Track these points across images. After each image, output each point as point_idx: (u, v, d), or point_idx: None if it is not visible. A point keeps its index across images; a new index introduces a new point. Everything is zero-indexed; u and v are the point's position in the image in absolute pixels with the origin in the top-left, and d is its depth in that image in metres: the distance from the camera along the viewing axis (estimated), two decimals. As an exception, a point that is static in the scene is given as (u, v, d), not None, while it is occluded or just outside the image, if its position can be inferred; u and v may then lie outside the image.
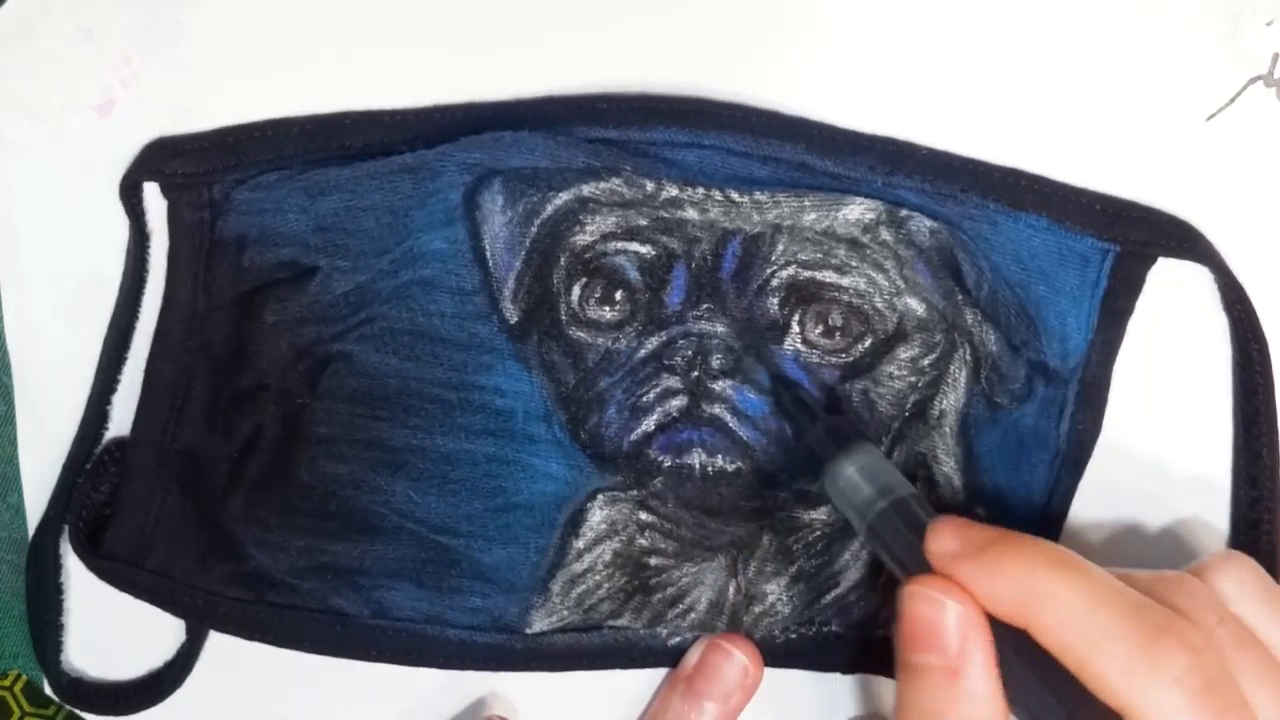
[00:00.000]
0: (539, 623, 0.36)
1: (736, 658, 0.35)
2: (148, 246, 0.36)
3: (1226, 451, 0.36)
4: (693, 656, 0.36)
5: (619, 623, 0.36)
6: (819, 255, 0.34)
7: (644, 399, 0.34)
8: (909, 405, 0.35)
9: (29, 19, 0.35)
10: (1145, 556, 0.36)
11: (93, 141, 0.36)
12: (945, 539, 0.29)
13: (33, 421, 0.37)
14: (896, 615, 0.29)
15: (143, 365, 0.36)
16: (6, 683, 0.38)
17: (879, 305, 0.34)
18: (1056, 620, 0.27)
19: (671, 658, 0.36)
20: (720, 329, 0.34)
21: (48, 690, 0.37)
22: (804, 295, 0.34)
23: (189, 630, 0.37)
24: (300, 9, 0.35)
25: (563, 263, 0.34)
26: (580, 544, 0.35)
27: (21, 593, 0.37)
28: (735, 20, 0.35)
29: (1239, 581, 0.30)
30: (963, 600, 0.28)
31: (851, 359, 0.34)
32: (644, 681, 0.37)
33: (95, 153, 0.36)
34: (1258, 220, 0.36)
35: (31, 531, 0.37)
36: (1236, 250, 0.35)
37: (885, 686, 0.37)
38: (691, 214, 0.34)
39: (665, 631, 0.36)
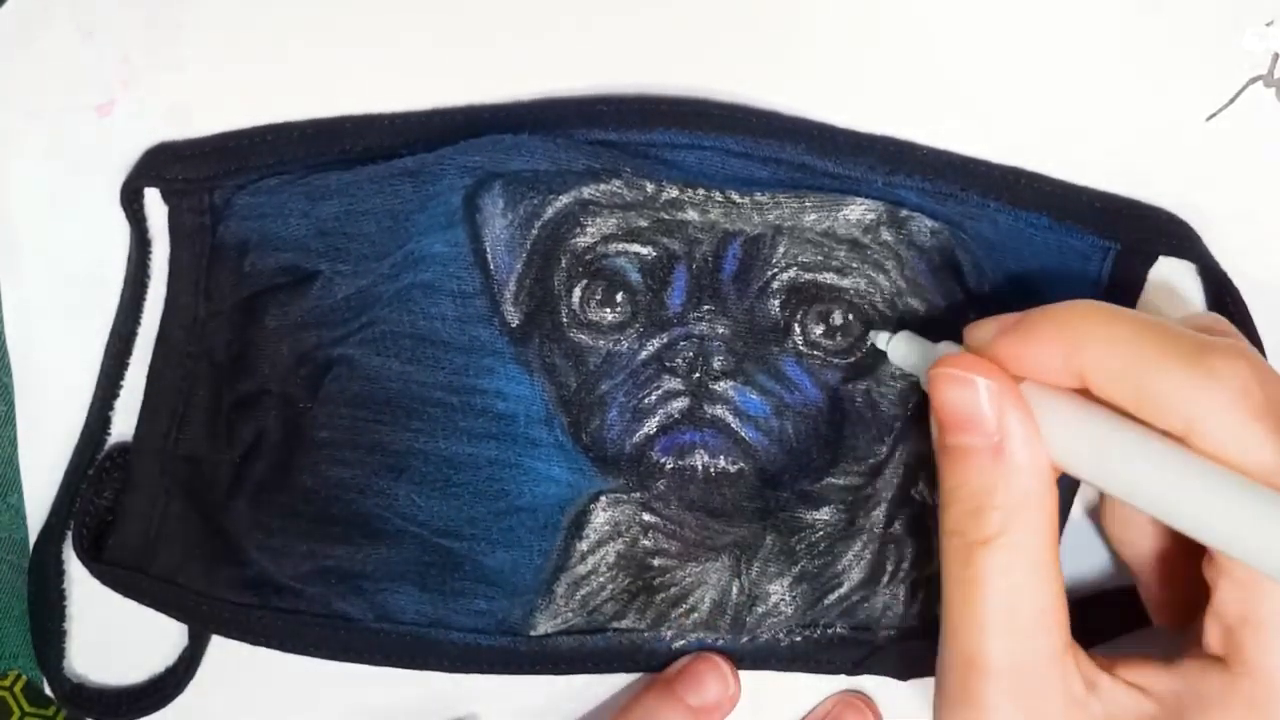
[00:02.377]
0: (543, 625, 0.36)
1: (722, 668, 0.35)
2: (149, 252, 0.36)
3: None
4: (678, 664, 0.36)
5: (623, 624, 0.36)
6: (820, 256, 0.34)
7: (646, 401, 0.34)
8: (911, 405, 0.35)
9: (29, 19, 0.35)
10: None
11: (93, 141, 0.36)
12: (981, 328, 0.28)
13: (33, 422, 0.37)
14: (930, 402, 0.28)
15: (144, 370, 0.36)
16: (6, 683, 0.38)
17: (880, 305, 0.34)
18: (1104, 357, 0.26)
19: (675, 661, 0.36)
20: (721, 330, 0.34)
21: (47, 690, 0.37)
22: (805, 296, 0.34)
23: (191, 635, 0.37)
24: (300, 10, 0.35)
25: (563, 265, 0.34)
26: (584, 546, 0.35)
27: (21, 593, 0.37)
28: (735, 21, 0.35)
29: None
30: (993, 374, 0.27)
31: (854, 359, 0.34)
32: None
33: (95, 153, 0.36)
34: (1257, 220, 0.36)
35: (33, 535, 0.37)
36: (1236, 250, 0.35)
37: (890, 688, 0.37)
38: (692, 215, 0.34)
39: (670, 635, 0.36)
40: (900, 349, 0.32)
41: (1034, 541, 0.27)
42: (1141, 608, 0.33)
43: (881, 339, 0.33)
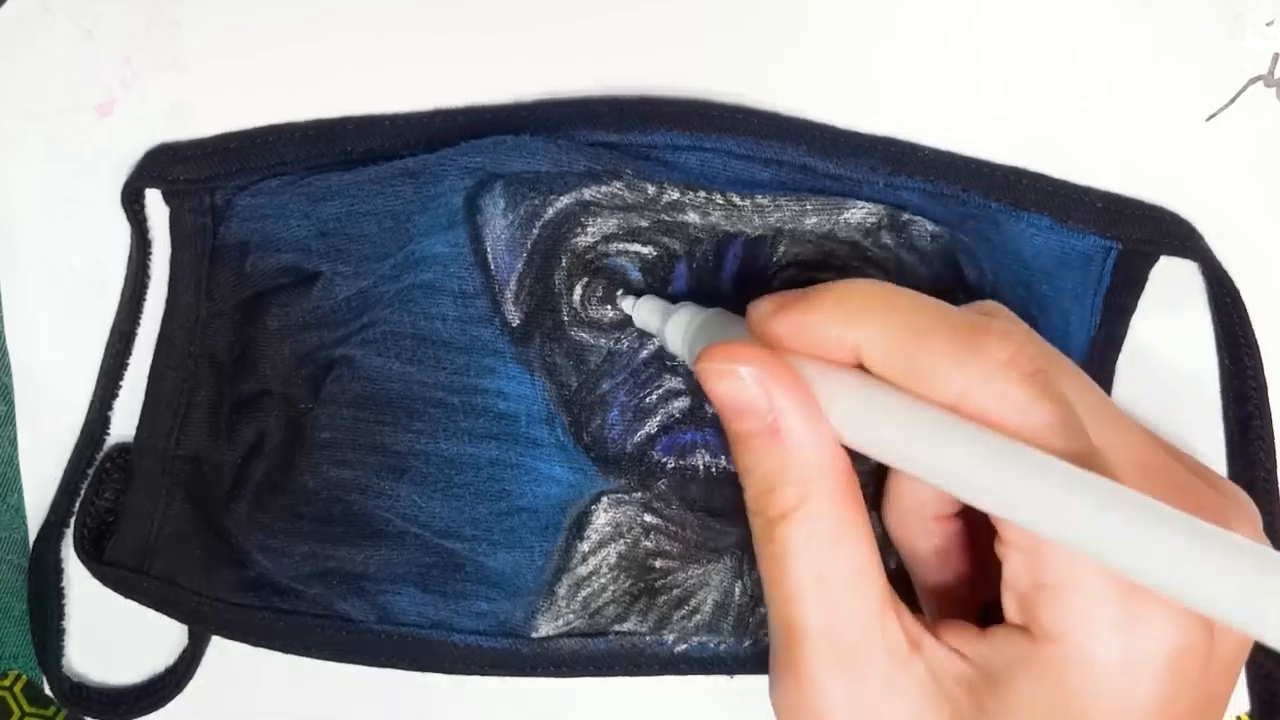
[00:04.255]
0: (545, 626, 0.36)
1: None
2: (149, 253, 0.36)
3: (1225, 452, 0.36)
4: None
5: (624, 627, 0.36)
6: (820, 257, 0.34)
7: (647, 400, 0.34)
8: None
9: (29, 19, 0.35)
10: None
11: (93, 141, 0.36)
12: (765, 303, 0.28)
13: (33, 422, 0.37)
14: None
15: (144, 370, 0.36)
16: (6, 683, 0.38)
17: (881, 307, 0.34)
18: (878, 333, 0.26)
19: (678, 666, 0.36)
20: None
21: (47, 690, 0.37)
22: (806, 296, 0.34)
23: (191, 635, 0.37)
24: (301, 10, 0.35)
25: (564, 264, 0.34)
26: (585, 547, 0.35)
27: (21, 593, 0.37)
28: (736, 22, 0.35)
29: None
30: (754, 358, 0.27)
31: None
32: (650, 689, 0.37)
33: (95, 153, 0.35)
34: (1257, 220, 0.36)
35: (33, 535, 0.37)
36: (1236, 251, 0.35)
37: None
38: (693, 217, 0.34)
39: (672, 638, 0.36)
40: (642, 313, 0.33)
41: (831, 508, 0.27)
42: None
43: (627, 303, 0.33)
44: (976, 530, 0.30)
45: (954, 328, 0.25)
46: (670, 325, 0.31)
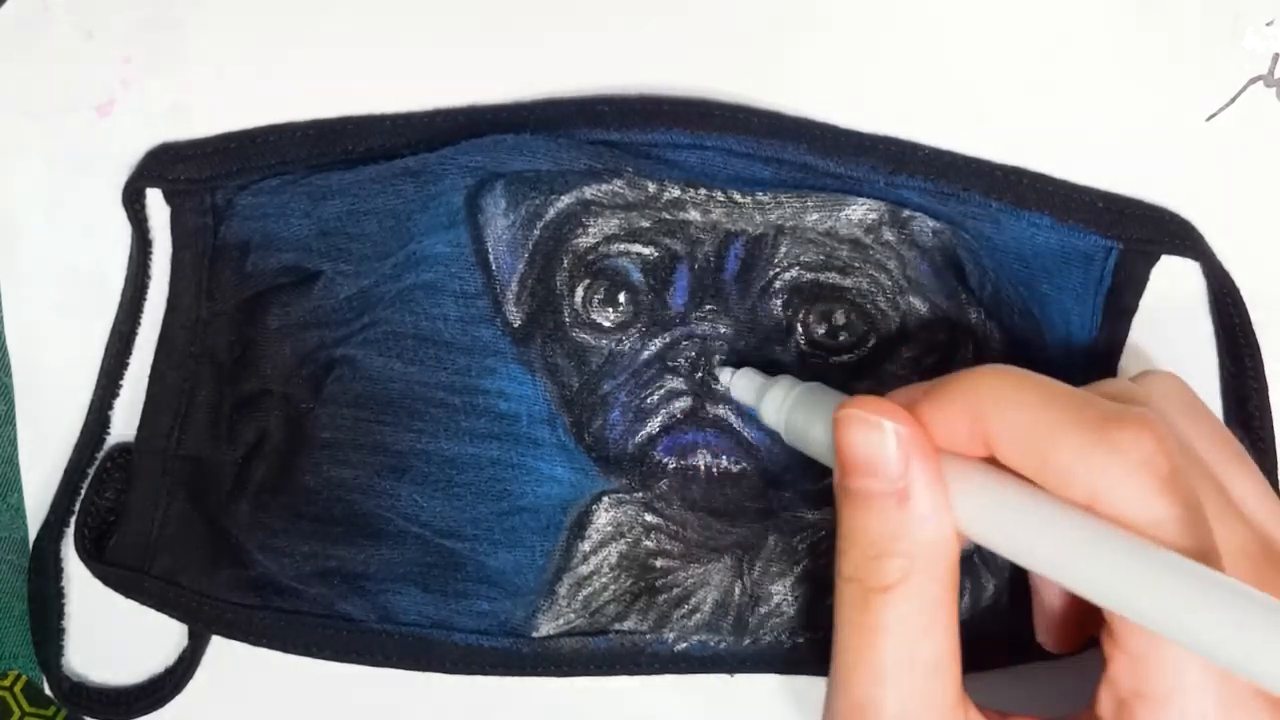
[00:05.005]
0: (545, 626, 0.36)
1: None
2: (150, 252, 0.36)
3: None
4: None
5: (625, 626, 0.36)
6: (822, 256, 0.34)
7: (648, 401, 0.34)
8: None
9: (29, 19, 0.35)
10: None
11: (93, 141, 0.36)
12: (897, 396, 0.28)
13: (33, 422, 0.37)
14: (834, 443, 0.28)
15: (144, 370, 0.36)
16: (6, 683, 0.38)
17: (882, 305, 0.34)
18: (1010, 423, 0.25)
19: (678, 665, 0.36)
20: (724, 330, 0.34)
21: (47, 690, 0.37)
22: (807, 296, 0.34)
23: (191, 635, 0.37)
24: (301, 10, 0.35)
25: (565, 265, 0.34)
26: (586, 546, 0.35)
27: (21, 593, 0.37)
28: (737, 21, 0.35)
29: (1166, 392, 0.30)
30: (902, 419, 0.26)
31: (856, 359, 0.34)
32: (651, 689, 0.37)
33: (95, 153, 0.36)
34: (1257, 220, 0.36)
35: (33, 535, 0.37)
36: (1236, 251, 0.35)
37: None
38: (694, 215, 0.34)
39: (672, 637, 0.36)
40: (740, 384, 0.33)
41: (934, 591, 0.26)
42: (1023, 642, 0.33)
43: (725, 375, 0.33)
44: None
45: (1087, 424, 0.25)
46: (769, 397, 0.31)
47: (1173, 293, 0.36)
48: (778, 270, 0.34)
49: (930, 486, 0.26)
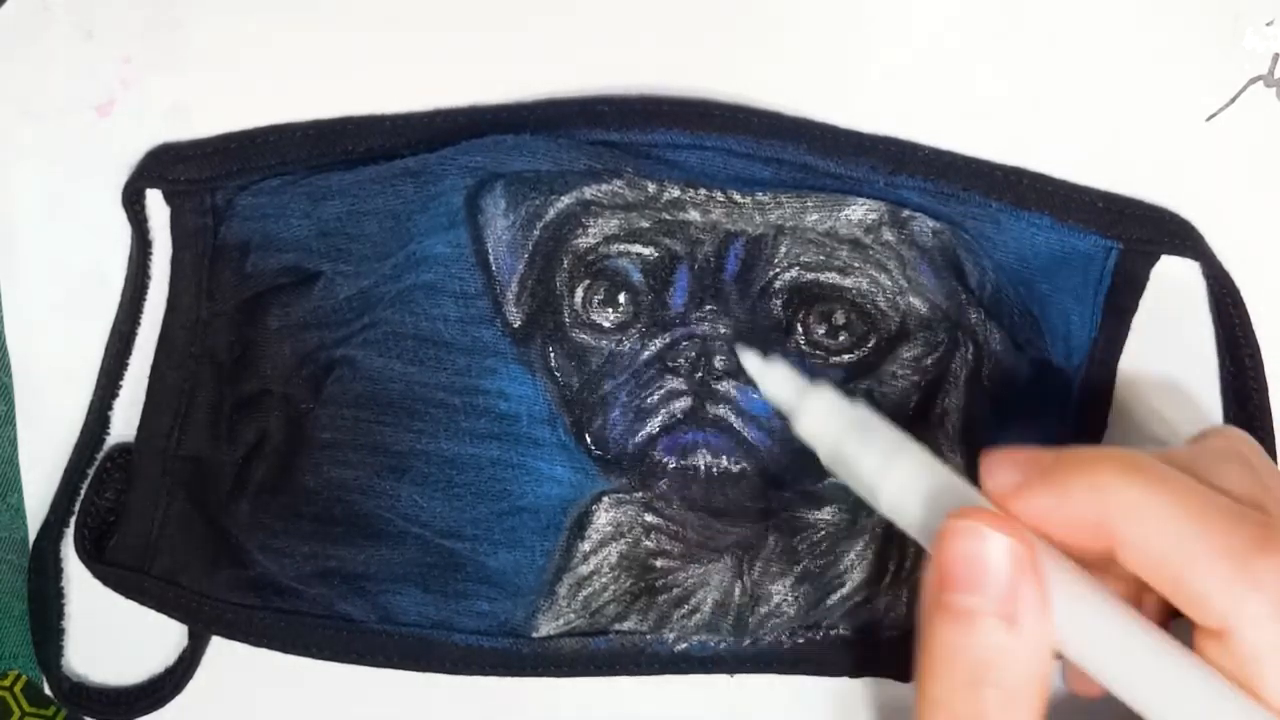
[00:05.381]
0: (545, 626, 0.36)
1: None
2: (150, 252, 0.36)
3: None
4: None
5: (625, 626, 0.36)
6: (822, 257, 0.34)
7: (648, 401, 0.34)
8: (912, 404, 0.35)
9: (29, 19, 0.35)
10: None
11: (93, 141, 0.36)
12: (1003, 471, 0.25)
13: (33, 422, 0.37)
14: (932, 559, 0.25)
15: (144, 370, 0.36)
16: (6, 683, 0.38)
17: (882, 305, 0.34)
18: (1143, 540, 0.24)
19: (678, 665, 0.36)
20: (724, 330, 0.34)
21: (47, 690, 0.37)
22: (807, 296, 0.34)
23: (191, 635, 0.37)
24: (301, 11, 0.35)
25: (565, 265, 0.34)
26: (586, 546, 0.35)
27: (21, 593, 0.37)
28: (737, 21, 0.35)
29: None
30: (1016, 534, 0.24)
31: (856, 359, 0.34)
32: (651, 689, 0.37)
33: (95, 153, 0.36)
34: (1257, 220, 0.36)
35: (33, 535, 0.37)
36: (1236, 251, 0.35)
37: (893, 689, 0.37)
38: (694, 215, 0.34)
39: (672, 637, 0.36)
40: (771, 380, 0.29)
41: None
42: None
43: (749, 361, 0.30)
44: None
45: (1227, 551, 0.23)
46: (810, 406, 0.28)
47: (1173, 293, 0.36)
48: (778, 270, 0.34)
49: (1040, 612, 0.24)
